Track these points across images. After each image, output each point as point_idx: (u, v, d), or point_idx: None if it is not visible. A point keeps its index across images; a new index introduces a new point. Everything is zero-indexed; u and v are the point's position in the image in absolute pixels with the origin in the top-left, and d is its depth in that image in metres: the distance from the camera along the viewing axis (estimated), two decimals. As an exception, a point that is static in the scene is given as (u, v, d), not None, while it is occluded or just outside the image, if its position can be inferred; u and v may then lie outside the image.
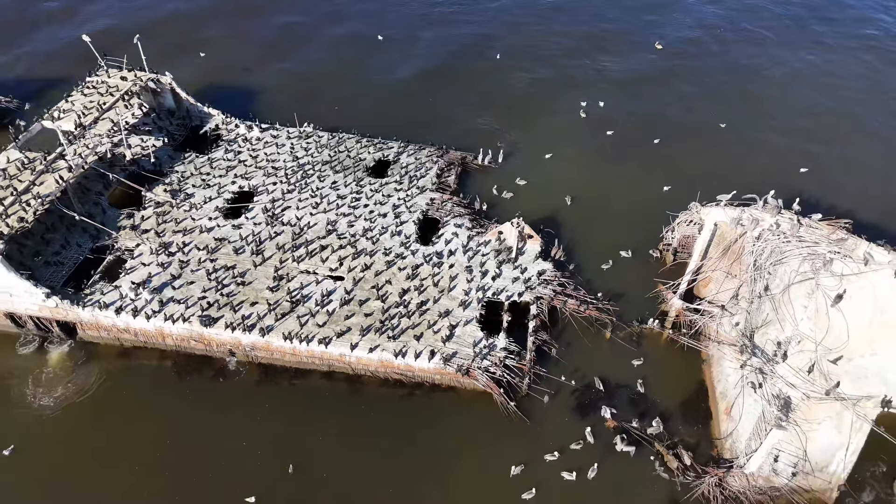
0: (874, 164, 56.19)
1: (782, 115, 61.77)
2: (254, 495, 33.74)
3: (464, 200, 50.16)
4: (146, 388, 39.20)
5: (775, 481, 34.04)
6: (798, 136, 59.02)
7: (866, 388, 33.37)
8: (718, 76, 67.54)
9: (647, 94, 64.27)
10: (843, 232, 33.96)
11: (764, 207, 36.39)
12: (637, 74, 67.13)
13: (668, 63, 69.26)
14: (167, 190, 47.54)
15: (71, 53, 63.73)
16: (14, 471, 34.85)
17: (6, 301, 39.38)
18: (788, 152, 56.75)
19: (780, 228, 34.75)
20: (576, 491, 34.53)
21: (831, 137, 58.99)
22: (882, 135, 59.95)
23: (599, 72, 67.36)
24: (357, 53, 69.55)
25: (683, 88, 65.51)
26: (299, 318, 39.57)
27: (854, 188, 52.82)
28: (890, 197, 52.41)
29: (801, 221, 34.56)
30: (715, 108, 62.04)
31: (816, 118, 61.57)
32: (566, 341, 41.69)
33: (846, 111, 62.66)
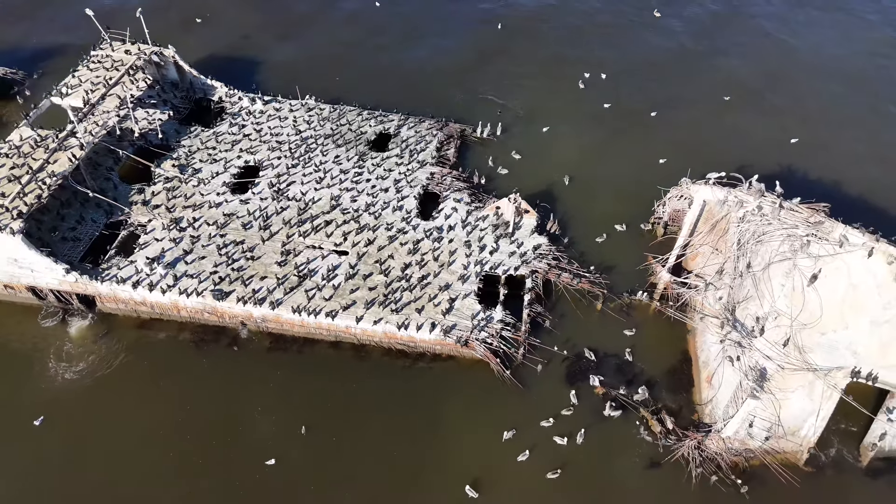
0: (864, 140, 57.51)
1: (779, 87, 62.69)
2: (273, 458, 36.54)
3: (463, 174, 51.78)
4: (164, 357, 41.64)
5: (750, 444, 36.92)
6: (791, 107, 60.20)
7: (837, 359, 35.93)
8: (718, 47, 67.97)
9: (644, 65, 65.00)
10: (821, 215, 35.89)
11: (748, 190, 38.18)
12: (636, 46, 67.64)
13: (666, 33, 69.65)
14: (175, 165, 49.05)
15: (76, 25, 63.92)
16: (45, 440, 37.39)
17: (28, 276, 41.46)
18: (782, 124, 58.05)
19: (763, 211, 36.65)
20: (565, 453, 37.38)
21: (824, 109, 60.22)
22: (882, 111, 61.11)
23: (599, 43, 67.76)
24: (357, 22, 69.80)
25: (681, 59, 66.21)
26: (307, 292, 41.79)
27: (841, 162, 54.38)
28: (877, 173, 54.13)
29: (782, 205, 36.44)
30: (714, 80, 62.95)
31: (813, 90, 62.53)
32: (559, 312, 44.07)
33: (844, 83, 63.53)
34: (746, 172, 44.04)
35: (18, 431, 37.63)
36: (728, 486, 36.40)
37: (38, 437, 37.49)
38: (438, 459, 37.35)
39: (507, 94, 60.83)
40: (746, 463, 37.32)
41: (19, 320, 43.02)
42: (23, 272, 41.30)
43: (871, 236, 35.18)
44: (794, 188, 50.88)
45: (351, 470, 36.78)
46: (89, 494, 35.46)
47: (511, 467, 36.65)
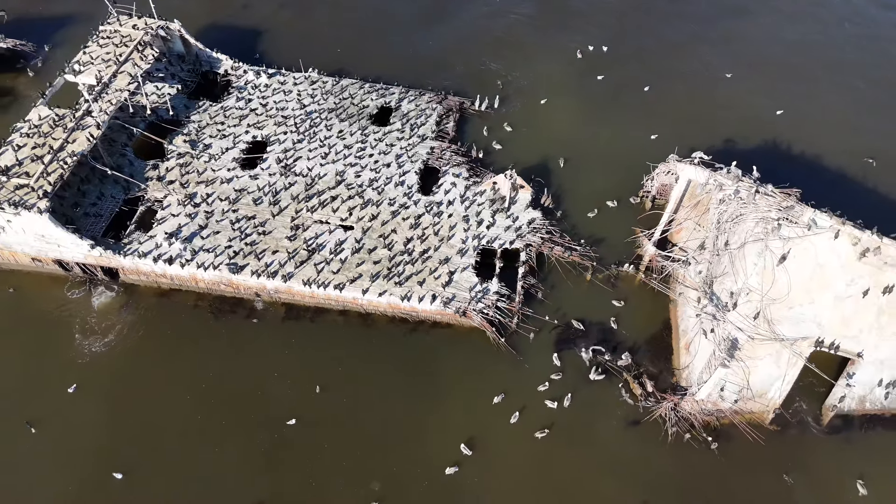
0: (847, 113, 59.56)
1: (769, 61, 64.14)
2: (293, 418, 40.29)
3: (461, 149, 54.09)
4: (186, 326, 44.95)
5: (721, 405, 40.78)
6: (778, 81, 61.91)
7: (803, 330, 39.41)
8: (712, 21, 68.67)
9: (639, 37, 66.20)
10: (792, 200, 38.63)
11: (727, 175, 40.79)
12: (632, 18, 68.66)
13: (663, 5, 70.38)
14: (186, 140, 51.26)
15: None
16: (79, 406, 40.85)
17: (55, 250, 44.37)
18: (768, 96, 59.98)
19: (739, 194, 39.35)
20: (553, 414, 41.21)
21: (812, 83, 61.99)
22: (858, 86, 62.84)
23: (594, 13, 68.72)
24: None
25: (675, 32, 67.32)
26: (316, 266, 44.85)
27: (821, 134, 56.66)
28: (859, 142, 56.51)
29: (758, 189, 39.09)
30: (707, 53, 64.44)
31: (801, 64, 64.07)
32: (551, 283, 47.29)
33: (831, 58, 65.03)
34: (734, 144, 46.70)
35: (54, 399, 41.14)
36: (700, 442, 40.42)
37: (71, 403, 40.99)
38: (437, 418, 41.11)
39: (506, 62, 62.44)
40: (717, 422, 41.27)
41: (48, 290, 46.14)
42: (50, 247, 44.20)
43: (838, 220, 38.10)
44: (776, 159, 54.10)
45: (360, 427, 40.59)
46: (122, 457, 39.23)
47: (503, 427, 40.52)
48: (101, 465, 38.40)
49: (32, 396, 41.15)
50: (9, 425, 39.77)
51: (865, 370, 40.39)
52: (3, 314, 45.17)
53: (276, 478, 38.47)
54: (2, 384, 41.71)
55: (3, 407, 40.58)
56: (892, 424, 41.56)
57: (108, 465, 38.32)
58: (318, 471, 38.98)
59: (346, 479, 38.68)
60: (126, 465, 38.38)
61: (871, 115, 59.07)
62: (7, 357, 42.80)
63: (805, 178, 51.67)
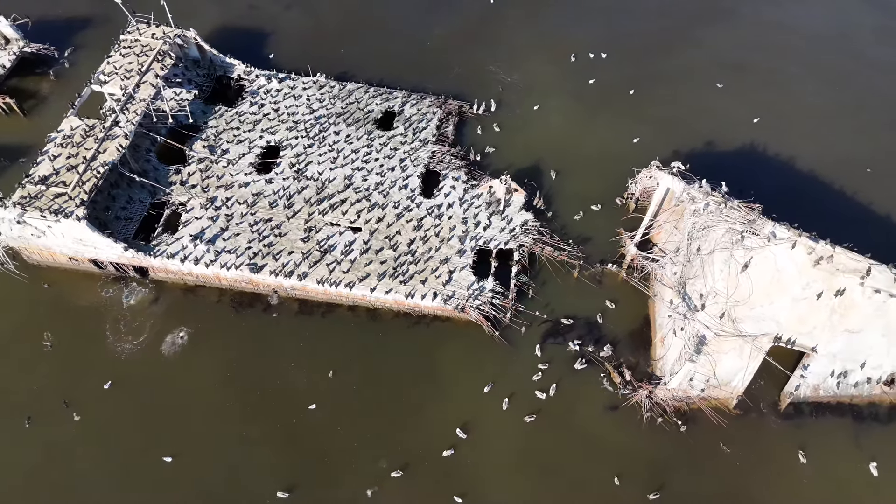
0: (819, 119, 63.46)
1: (749, 67, 67.62)
2: (310, 403, 45.33)
3: (460, 152, 58.17)
4: (210, 319, 49.66)
5: (690, 393, 45.86)
6: (756, 87, 65.56)
7: (763, 328, 44.25)
8: (696, 26, 71.79)
9: (629, 41, 69.54)
10: (755, 214, 43.05)
11: (699, 189, 45.12)
12: (623, 23, 71.99)
13: (651, 13, 73.48)
14: (205, 146, 55.28)
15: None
16: (115, 400, 45.51)
17: (91, 251, 48.84)
18: (746, 102, 63.76)
19: (709, 207, 43.73)
20: (541, 400, 46.23)
21: (787, 90, 65.70)
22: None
23: (587, 16, 72.00)
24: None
25: (664, 38, 70.38)
26: (328, 266, 49.42)
27: (795, 141, 60.72)
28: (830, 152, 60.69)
29: (725, 204, 43.46)
30: (690, 60, 67.89)
31: (778, 74, 67.53)
32: (541, 280, 51.98)
33: (808, 64, 68.56)
34: (713, 147, 50.73)
35: (92, 388, 45.94)
36: (671, 425, 45.64)
37: (108, 398, 45.88)
38: (436, 403, 46.18)
39: (502, 64, 66.12)
40: (687, 407, 46.44)
41: (84, 287, 50.69)
42: (86, 248, 48.65)
43: (795, 231, 42.65)
44: (751, 163, 58.35)
45: (369, 411, 45.67)
46: (162, 441, 44.23)
47: (495, 412, 45.64)
48: (147, 449, 43.51)
49: (72, 385, 45.97)
50: (54, 416, 44.60)
51: (819, 362, 45.43)
52: (42, 308, 49.75)
53: (297, 457, 43.66)
54: (43, 372, 46.47)
55: (46, 394, 45.41)
56: (839, 411, 46.76)
57: (154, 448, 43.42)
58: (333, 450, 44.16)
59: (357, 457, 43.88)
60: (168, 448, 43.40)
61: (840, 122, 63.04)
62: (40, 345, 47.49)
63: (776, 181, 56.58)
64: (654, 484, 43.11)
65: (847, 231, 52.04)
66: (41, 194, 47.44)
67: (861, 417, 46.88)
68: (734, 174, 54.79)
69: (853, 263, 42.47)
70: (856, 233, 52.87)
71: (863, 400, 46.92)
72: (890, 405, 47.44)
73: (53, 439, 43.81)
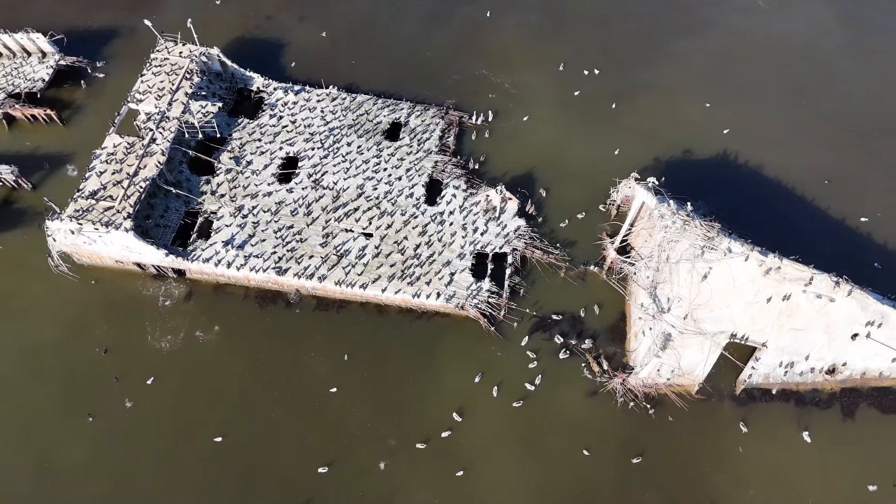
0: (785, 131, 69.57)
1: (720, 79, 73.35)
2: (330, 387, 52.62)
3: (461, 161, 64.43)
4: (238, 314, 56.62)
5: (658, 381, 53.20)
6: (727, 102, 71.28)
7: (721, 327, 51.38)
8: (673, 39, 77.11)
9: (612, 54, 75.08)
10: (714, 231, 49.70)
11: (667, 207, 51.70)
12: (603, 35, 77.46)
13: (633, 28, 78.74)
14: (231, 157, 61.51)
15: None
16: (158, 395, 52.58)
17: (136, 256, 55.58)
18: (718, 113, 69.75)
19: (676, 225, 50.39)
20: (528, 387, 53.59)
21: (756, 101, 71.56)
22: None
23: (572, 28, 77.43)
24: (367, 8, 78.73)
25: (645, 49, 76.06)
26: (344, 269, 56.23)
27: (761, 153, 67.03)
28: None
29: (689, 222, 50.11)
30: (669, 70, 73.61)
31: (751, 81, 73.33)
32: (532, 280, 58.88)
33: (780, 76, 74.25)
34: (688, 156, 57.12)
35: (136, 379, 53.17)
36: (641, 409, 53.06)
37: (151, 393, 53.11)
38: (436, 389, 53.43)
39: (498, 72, 72.10)
40: (655, 393, 53.85)
41: (128, 284, 57.54)
42: (131, 253, 55.38)
43: (748, 246, 49.43)
44: (720, 172, 64.81)
45: (378, 396, 52.98)
46: (205, 421, 51.71)
47: (487, 398, 52.99)
48: (197, 430, 51.01)
49: (120, 371, 53.25)
50: (110, 403, 51.93)
51: (769, 356, 52.69)
52: (91, 303, 56.67)
53: (317, 436, 51.12)
54: (92, 357, 53.63)
55: (99, 379, 52.67)
56: (785, 396, 54.20)
57: (204, 429, 50.88)
58: (348, 429, 51.61)
59: (368, 436, 51.35)
60: (216, 430, 50.82)
61: (803, 133, 69.21)
62: (96, 336, 54.60)
63: (742, 190, 63.16)
64: (624, 458, 50.81)
65: (803, 237, 59.48)
66: (92, 208, 53.96)
67: (804, 401, 54.36)
68: (704, 184, 62.23)
69: (798, 273, 49.36)
70: (811, 239, 60.44)
71: (806, 387, 54.32)
72: (830, 391, 54.89)
73: (111, 426, 51.20)
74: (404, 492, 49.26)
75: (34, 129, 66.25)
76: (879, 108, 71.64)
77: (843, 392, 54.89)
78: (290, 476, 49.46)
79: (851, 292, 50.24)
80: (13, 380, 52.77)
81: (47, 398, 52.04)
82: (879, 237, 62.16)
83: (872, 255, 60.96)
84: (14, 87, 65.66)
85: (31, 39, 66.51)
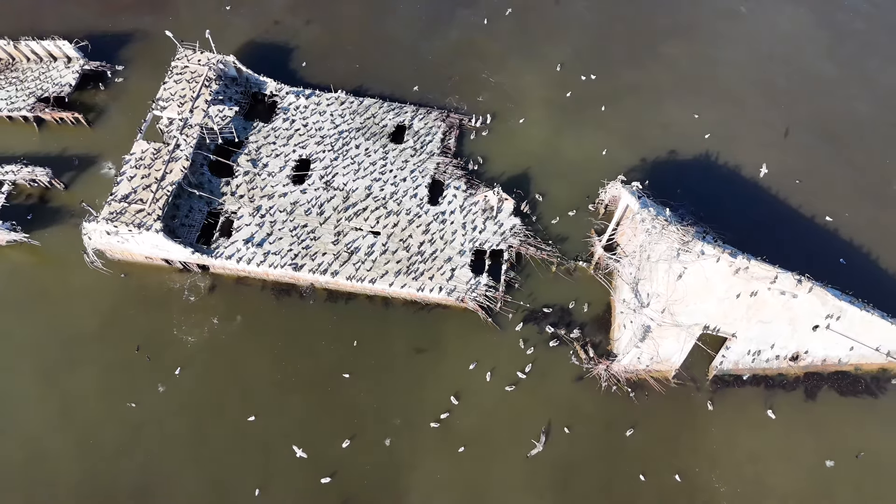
0: (762, 135, 74.55)
1: (703, 80, 78.07)
2: (342, 373, 58.43)
3: (461, 163, 69.41)
4: (256, 304, 62.08)
5: (639, 367, 59.11)
6: (711, 103, 76.12)
7: (696, 319, 57.14)
8: (659, 44, 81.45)
9: (602, 58, 79.52)
10: (689, 235, 55.11)
11: (648, 212, 57.02)
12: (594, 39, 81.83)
13: (622, 32, 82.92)
14: (248, 160, 66.43)
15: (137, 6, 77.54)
16: (186, 385, 58.17)
17: (164, 253, 60.89)
18: (700, 118, 74.56)
19: (655, 229, 55.77)
20: (516, 371, 59.42)
21: (738, 106, 76.35)
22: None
23: (565, 32, 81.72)
24: (371, 5, 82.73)
25: (630, 50, 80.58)
26: (354, 265, 61.65)
27: (739, 155, 72.12)
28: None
29: (666, 227, 55.48)
30: (655, 74, 78.16)
31: (732, 85, 78.04)
32: (525, 274, 64.40)
33: (759, 80, 78.92)
34: (672, 158, 62.37)
35: (165, 367, 58.92)
36: (623, 392, 59.04)
37: (178, 384, 58.75)
38: (436, 374, 59.22)
39: (495, 72, 76.78)
40: (636, 378, 59.78)
41: (156, 277, 62.94)
42: (160, 251, 60.67)
43: (720, 249, 54.95)
44: (700, 173, 70.00)
45: (384, 380, 58.77)
46: (231, 403, 57.64)
47: (482, 382, 58.86)
48: (231, 410, 56.96)
49: (151, 357, 59.05)
50: (144, 387, 57.76)
51: (738, 345, 58.57)
52: (123, 294, 62.12)
53: (331, 416, 57.06)
54: (127, 345, 59.33)
55: (132, 365, 58.42)
56: (754, 381, 60.17)
57: (236, 409, 56.81)
58: (358, 411, 57.52)
59: (376, 416, 57.27)
60: (248, 411, 56.77)
61: (778, 135, 74.27)
62: (129, 326, 60.21)
63: (720, 190, 68.43)
64: (606, 435, 56.98)
65: (776, 235, 65.10)
66: (125, 210, 59.10)
67: (770, 385, 60.38)
68: (686, 184, 67.56)
69: (764, 272, 54.99)
70: (782, 236, 66.00)
71: (772, 371, 60.31)
72: (794, 376, 60.86)
73: (145, 408, 57.15)
74: (409, 468, 55.34)
75: (61, 130, 70.95)
76: (850, 112, 76.56)
77: (806, 376, 60.92)
78: (313, 450, 55.53)
79: (812, 289, 55.97)
80: (55, 366, 58.49)
81: (87, 382, 57.84)
82: (845, 234, 67.69)
83: (838, 251, 66.56)
84: (43, 91, 70.16)
85: (58, 46, 70.79)
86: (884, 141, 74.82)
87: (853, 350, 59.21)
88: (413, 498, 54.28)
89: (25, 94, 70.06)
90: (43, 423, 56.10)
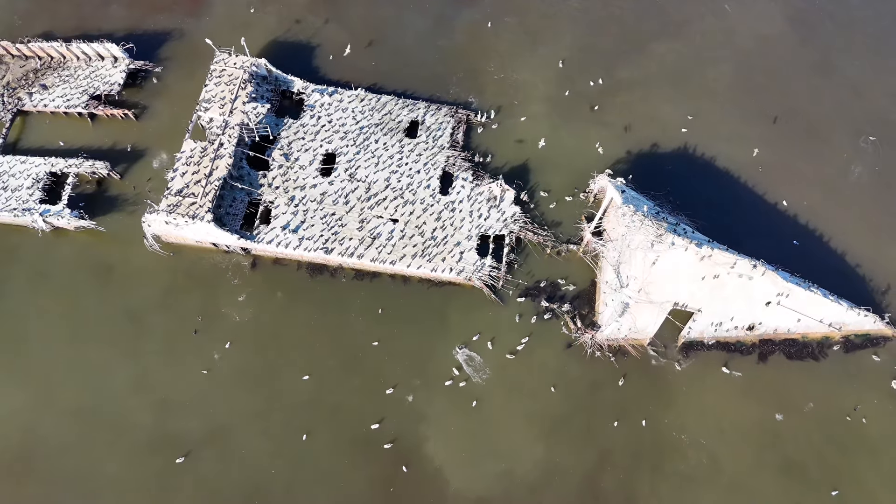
0: (739, 127, 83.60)
1: (688, 75, 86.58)
2: (376, 340, 69.27)
3: (468, 156, 78.60)
4: (293, 282, 72.39)
5: (619, 336, 70.02)
6: (690, 97, 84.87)
7: (667, 298, 67.80)
8: (647, 42, 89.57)
9: (597, 55, 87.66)
10: (662, 229, 65.14)
11: (628, 207, 66.86)
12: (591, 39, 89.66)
13: (617, 29, 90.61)
14: (282, 154, 75.54)
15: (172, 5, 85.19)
16: (233, 358, 68.78)
17: (213, 238, 70.76)
18: (679, 112, 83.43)
19: (634, 222, 65.75)
20: (516, 340, 70.38)
21: (715, 100, 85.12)
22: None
23: (562, 32, 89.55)
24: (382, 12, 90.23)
25: (626, 50, 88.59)
26: (377, 249, 71.69)
27: (715, 147, 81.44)
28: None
29: (643, 221, 65.42)
30: (648, 67, 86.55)
31: (714, 79, 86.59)
32: (524, 255, 74.63)
33: (739, 75, 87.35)
34: (655, 150, 72.14)
35: (212, 341, 69.65)
36: (606, 358, 70.12)
37: (226, 357, 69.33)
38: (445, 342, 70.00)
39: (500, 70, 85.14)
40: (616, 345, 70.77)
41: (204, 257, 72.95)
42: (209, 237, 70.53)
43: (687, 240, 65.15)
44: (678, 164, 79.51)
45: (402, 347, 69.71)
46: (271, 373, 68.56)
47: (485, 351, 69.84)
48: (284, 371, 67.97)
49: (203, 331, 69.64)
50: (198, 359, 68.52)
51: (703, 318, 69.42)
52: (176, 272, 72.29)
53: (365, 374, 68.14)
54: (183, 316, 69.86)
55: (188, 335, 69.09)
56: (716, 346, 71.15)
57: (290, 370, 67.84)
58: (384, 372, 68.60)
59: (399, 377, 68.35)
60: (301, 371, 67.80)
61: (753, 127, 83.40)
62: (183, 300, 70.62)
63: (695, 180, 78.03)
64: (591, 393, 68.36)
65: (748, 219, 75.51)
66: (179, 203, 68.67)
67: (730, 350, 71.40)
68: (667, 174, 77.16)
69: (724, 259, 65.42)
70: (746, 219, 76.11)
71: (731, 339, 71.24)
72: (751, 343, 71.87)
73: (207, 372, 68.10)
74: (430, 419, 66.85)
75: (111, 123, 79.65)
76: (818, 106, 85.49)
77: (761, 342, 71.84)
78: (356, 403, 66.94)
79: (765, 273, 66.51)
80: (123, 333, 69.08)
81: (152, 348, 68.63)
82: (802, 219, 77.74)
83: (793, 233, 76.78)
84: (94, 89, 78.52)
85: (107, 48, 78.74)
86: (847, 135, 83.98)
87: (800, 322, 70.09)
88: (432, 440, 66.10)
89: (78, 92, 78.44)
90: (125, 382, 67.11)
